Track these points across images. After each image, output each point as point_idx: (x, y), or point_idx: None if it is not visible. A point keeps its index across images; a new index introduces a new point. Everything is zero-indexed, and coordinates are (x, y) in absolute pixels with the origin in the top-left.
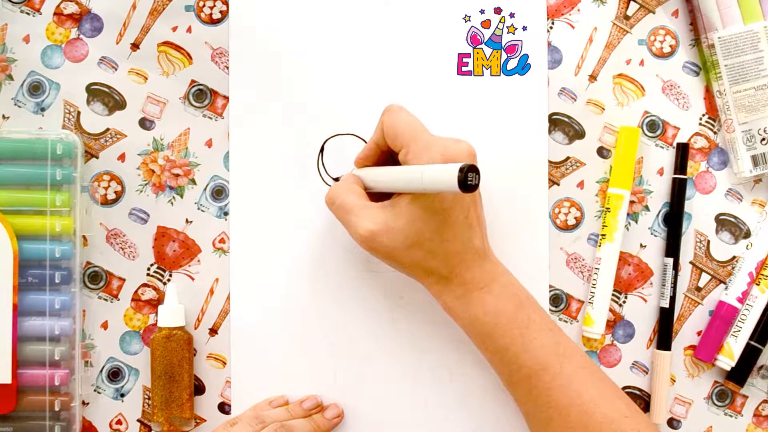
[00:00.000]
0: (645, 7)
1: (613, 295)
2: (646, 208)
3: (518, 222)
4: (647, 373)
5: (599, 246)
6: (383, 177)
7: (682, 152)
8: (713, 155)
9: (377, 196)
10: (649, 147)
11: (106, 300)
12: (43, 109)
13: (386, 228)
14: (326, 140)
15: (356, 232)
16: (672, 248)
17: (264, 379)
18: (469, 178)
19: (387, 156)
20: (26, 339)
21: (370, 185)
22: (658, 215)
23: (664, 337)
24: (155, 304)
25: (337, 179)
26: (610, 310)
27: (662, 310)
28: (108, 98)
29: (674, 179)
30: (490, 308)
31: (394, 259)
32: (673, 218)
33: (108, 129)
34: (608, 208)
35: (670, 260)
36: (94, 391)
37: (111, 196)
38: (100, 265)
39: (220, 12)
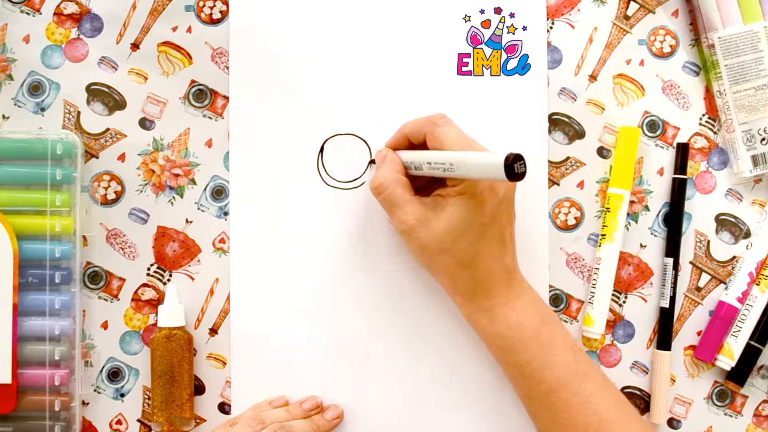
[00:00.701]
0: (645, 7)
1: (613, 295)
2: (646, 208)
3: (518, 222)
4: (647, 373)
5: (599, 246)
6: (423, 161)
7: (682, 152)
8: (713, 155)
9: (416, 181)
10: (649, 147)
11: (106, 300)
12: (43, 109)
13: (425, 225)
14: (326, 140)
15: (399, 226)
16: (672, 248)
17: (264, 379)
18: (516, 167)
19: (417, 148)
20: (26, 339)
21: (409, 167)
22: (658, 215)
23: (664, 337)
24: (155, 304)
25: (372, 161)
26: (610, 310)
27: (662, 310)
28: (108, 98)
29: (674, 179)
30: (514, 323)
31: (426, 259)
32: (673, 218)
33: (108, 129)
34: (608, 208)
35: (670, 260)
36: (94, 391)
37: (111, 196)
38: (100, 265)
39: (220, 12)
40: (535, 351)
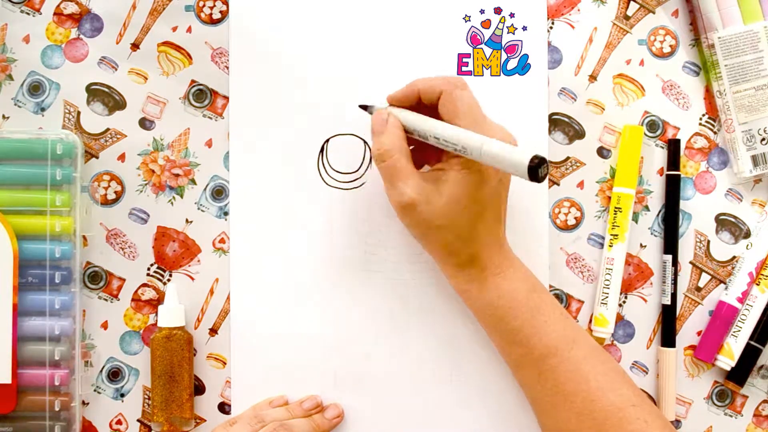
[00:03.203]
0: (645, 7)
1: None
2: (646, 208)
3: (518, 222)
4: (647, 372)
5: (610, 246)
6: (431, 134)
7: (674, 149)
8: (713, 155)
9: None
10: (649, 147)
11: (106, 300)
12: (43, 109)
13: (426, 200)
14: (326, 140)
15: (399, 198)
16: (670, 245)
17: (264, 379)
18: (540, 171)
19: (422, 106)
20: (26, 339)
21: (410, 131)
22: (658, 215)
23: (667, 333)
24: (155, 304)
25: (364, 107)
26: None
27: (664, 307)
28: (108, 98)
29: (667, 176)
30: (504, 292)
31: (422, 233)
32: (669, 215)
33: (108, 129)
34: (619, 208)
35: (669, 257)
36: (94, 391)
37: (111, 196)
38: (100, 265)
39: (220, 12)
40: (525, 318)
